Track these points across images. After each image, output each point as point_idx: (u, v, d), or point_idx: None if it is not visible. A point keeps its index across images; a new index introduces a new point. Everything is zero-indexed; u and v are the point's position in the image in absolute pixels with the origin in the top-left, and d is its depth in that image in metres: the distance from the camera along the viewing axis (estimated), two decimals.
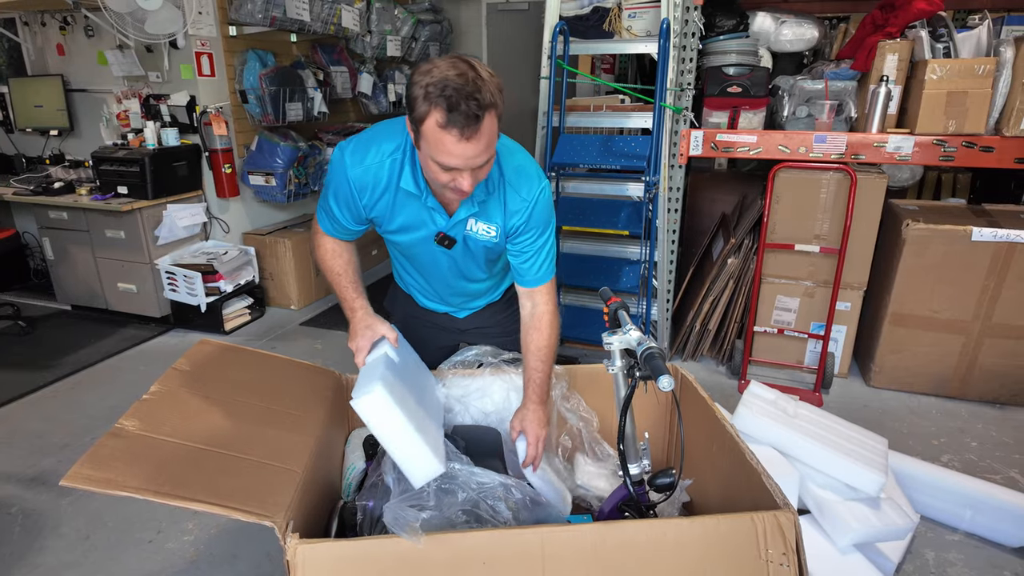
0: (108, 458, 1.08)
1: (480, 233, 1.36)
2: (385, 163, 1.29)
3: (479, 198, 1.31)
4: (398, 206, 1.34)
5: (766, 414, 1.91)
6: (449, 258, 1.44)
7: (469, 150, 1.10)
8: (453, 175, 1.15)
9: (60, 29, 3.57)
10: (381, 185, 1.31)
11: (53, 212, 3.47)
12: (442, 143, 1.09)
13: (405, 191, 1.30)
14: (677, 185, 2.84)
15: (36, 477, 2.23)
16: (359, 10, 3.96)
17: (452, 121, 1.06)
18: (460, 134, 1.07)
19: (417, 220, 1.35)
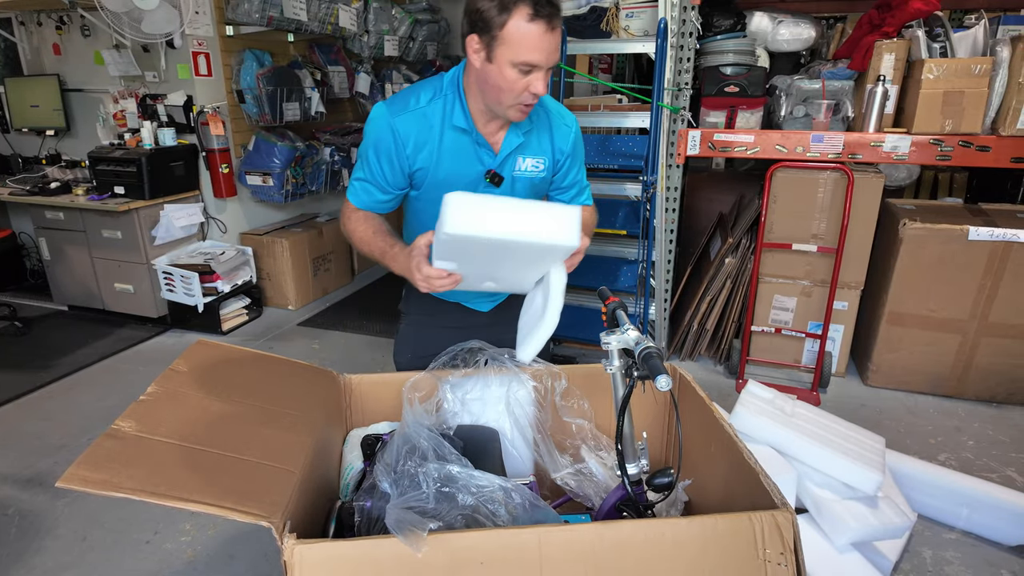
0: (105, 459, 1.08)
1: (528, 169, 1.40)
2: (434, 104, 1.31)
3: (524, 128, 1.35)
4: (444, 151, 1.34)
5: (764, 413, 1.91)
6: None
7: (552, 43, 1.16)
8: (528, 81, 1.19)
9: (56, 29, 3.56)
10: (428, 129, 1.31)
11: (50, 212, 3.47)
12: (528, 38, 1.14)
13: (456, 128, 1.31)
14: (675, 185, 2.84)
15: (33, 478, 2.23)
16: (356, 10, 3.96)
17: (539, 13, 1.12)
18: (547, 25, 1.14)
19: (464, 162, 1.35)
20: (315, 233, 3.93)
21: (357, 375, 1.61)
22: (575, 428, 1.61)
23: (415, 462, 1.27)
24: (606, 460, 1.61)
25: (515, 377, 1.58)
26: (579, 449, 1.62)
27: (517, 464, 1.56)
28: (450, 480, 1.23)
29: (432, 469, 1.24)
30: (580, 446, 1.62)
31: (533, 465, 1.56)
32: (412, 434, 1.32)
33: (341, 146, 4.12)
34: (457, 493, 1.21)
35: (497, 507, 1.24)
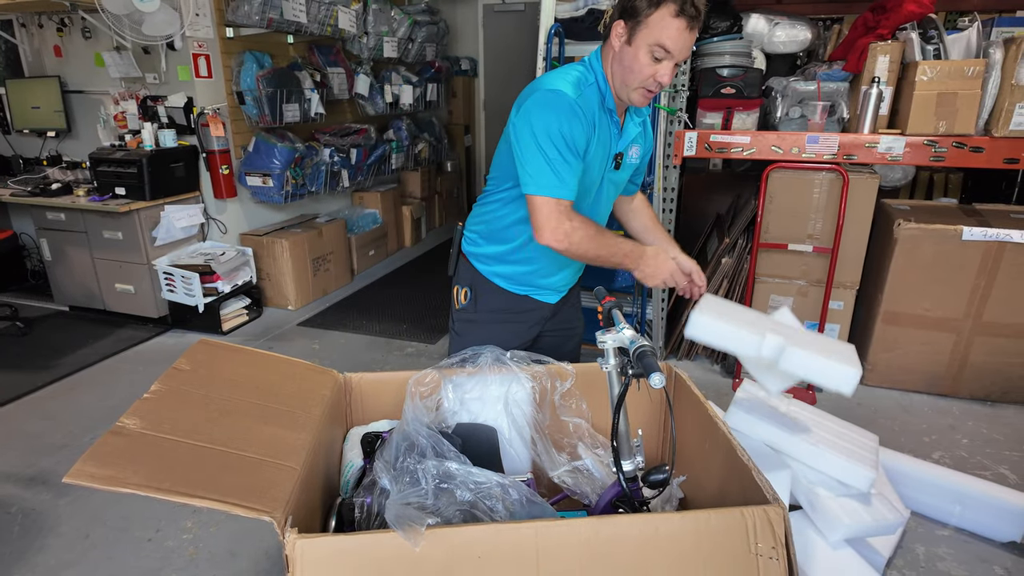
0: (110, 456, 1.10)
1: (633, 157, 1.55)
2: (591, 89, 1.39)
3: (641, 117, 1.52)
4: (599, 133, 1.41)
5: (758, 411, 1.93)
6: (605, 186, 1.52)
7: (688, 40, 1.30)
8: (659, 67, 1.31)
9: (57, 31, 3.58)
10: (591, 112, 1.38)
11: (51, 213, 3.48)
12: (669, 29, 1.27)
13: (607, 110, 1.42)
14: (672, 185, 2.87)
15: (35, 477, 2.25)
16: (356, 11, 3.98)
17: (684, 11, 1.26)
18: (688, 24, 1.27)
19: (604, 143, 1.43)
20: (315, 233, 3.95)
21: (357, 374, 1.63)
22: (572, 427, 1.63)
23: (414, 459, 1.29)
24: (603, 458, 1.63)
25: (514, 377, 1.61)
26: (576, 447, 1.65)
27: (515, 462, 1.58)
28: (448, 477, 1.26)
29: (431, 466, 1.26)
30: (577, 444, 1.65)
31: (531, 463, 1.58)
32: (411, 432, 1.35)
33: (340, 147, 4.15)
34: (455, 489, 1.24)
35: (495, 503, 1.26)
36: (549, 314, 1.70)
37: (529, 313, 1.67)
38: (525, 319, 1.67)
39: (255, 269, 3.73)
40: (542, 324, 1.70)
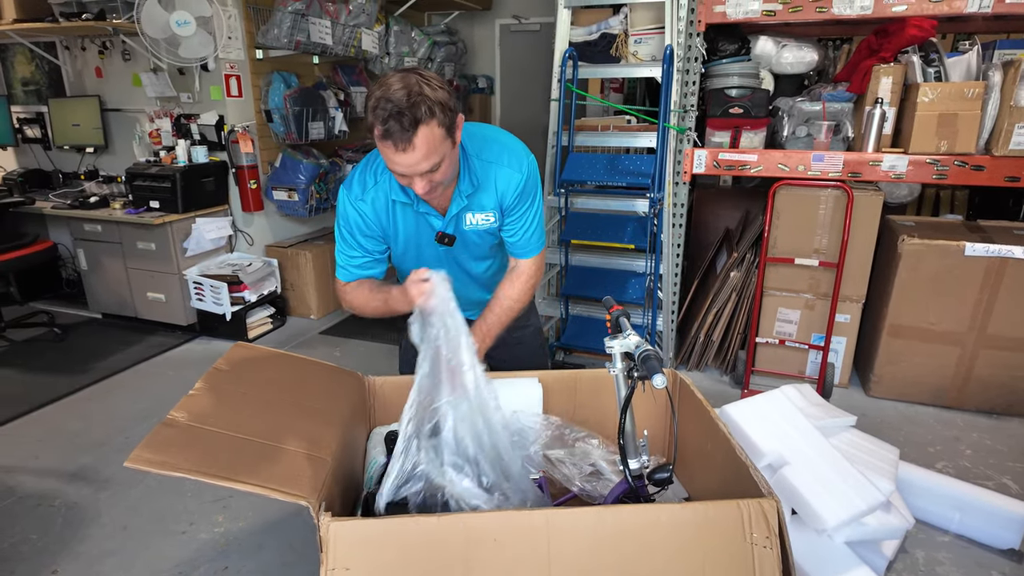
0: (163, 444, 1.22)
1: (479, 223, 1.51)
2: (381, 183, 1.45)
3: (466, 192, 1.44)
4: (398, 219, 1.49)
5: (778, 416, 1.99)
6: (453, 258, 1.57)
7: (407, 159, 1.23)
8: (408, 181, 1.30)
9: (99, 53, 3.79)
10: (382, 204, 1.47)
11: (88, 225, 3.67)
12: (384, 153, 1.25)
13: (399, 203, 1.46)
14: (681, 201, 2.97)
15: (76, 473, 2.38)
16: (378, 33, 4.16)
17: (387, 134, 1.19)
18: (395, 146, 1.21)
19: (415, 229, 1.51)
20: None
21: (380, 377, 1.75)
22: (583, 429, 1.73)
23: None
24: (612, 459, 1.72)
25: (526, 381, 1.71)
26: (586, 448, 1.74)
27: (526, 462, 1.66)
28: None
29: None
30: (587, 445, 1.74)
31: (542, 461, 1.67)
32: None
33: None
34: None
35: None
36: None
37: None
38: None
39: (280, 279, 3.88)
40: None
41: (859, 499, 1.75)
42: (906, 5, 2.50)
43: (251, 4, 3.56)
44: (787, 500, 1.83)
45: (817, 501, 1.75)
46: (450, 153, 1.31)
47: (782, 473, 1.86)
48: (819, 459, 1.87)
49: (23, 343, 3.61)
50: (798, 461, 1.87)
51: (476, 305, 1.71)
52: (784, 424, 1.97)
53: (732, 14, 2.70)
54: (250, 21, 3.58)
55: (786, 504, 1.84)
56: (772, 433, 1.95)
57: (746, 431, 1.97)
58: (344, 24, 3.85)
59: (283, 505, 2.16)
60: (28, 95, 4.20)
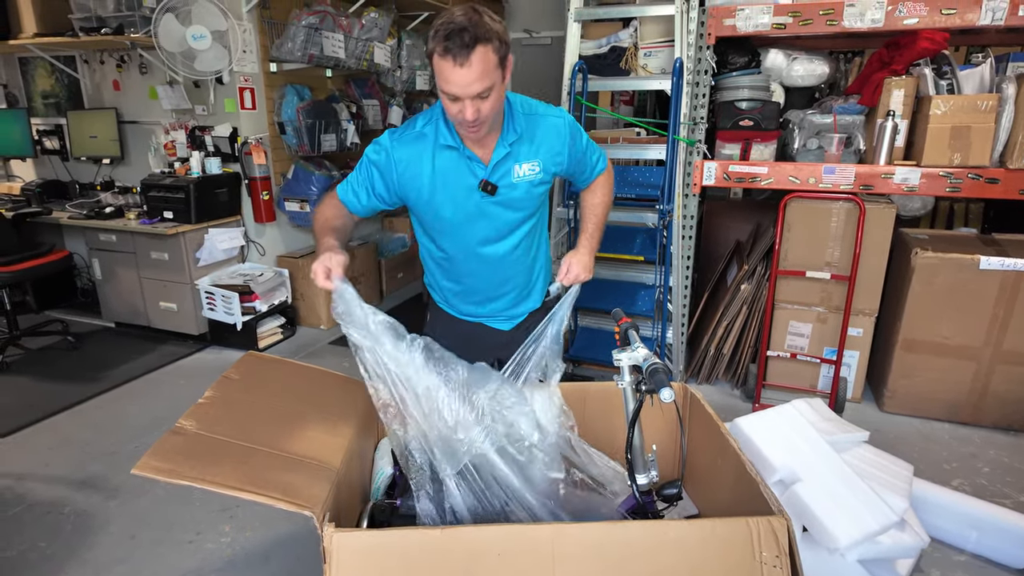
0: (171, 452, 1.23)
1: (527, 174, 1.52)
2: (427, 128, 1.49)
3: (510, 139, 1.48)
4: (438, 170, 1.49)
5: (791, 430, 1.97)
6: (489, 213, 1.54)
7: (463, 77, 1.27)
8: (459, 106, 1.33)
9: (117, 67, 3.86)
10: (421, 151, 1.48)
11: (103, 235, 3.72)
12: (442, 72, 1.29)
13: (445, 147, 1.47)
14: (691, 213, 2.96)
15: (86, 480, 2.40)
16: (390, 47, 4.20)
17: (447, 50, 1.25)
18: (455, 62, 1.26)
19: (457, 177, 1.50)
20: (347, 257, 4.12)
21: None
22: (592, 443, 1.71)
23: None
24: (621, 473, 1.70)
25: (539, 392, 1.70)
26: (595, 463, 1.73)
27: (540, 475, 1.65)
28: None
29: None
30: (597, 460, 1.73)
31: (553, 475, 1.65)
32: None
33: None
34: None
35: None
36: (507, 340, 1.70)
37: (480, 339, 1.73)
38: (477, 345, 1.70)
39: (291, 290, 3.90)
40: (498, 352, 1.71)
41: (871, 518, 1.72)
42: (917, 18, 2.49)
43: (266, 18, 3.61)
44: (799, 517, 1.80)
45: (829, 520, 1.72)
46: (499, 87, 1.35)
47: (794, 490, 1.83)
48: (831, 476, 1.84)
49: (38, 351, 3.65)
50: (810, 478, 1.84)
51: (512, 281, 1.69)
52: (797, 439, 1.95)
53: (742, 27, 2.70)
54: (265, 35, 3.63)
55: (797, 521, 1.81)
56: (784, 448, 1.92)
57: (758, 445, 1.94)
58: (357, 38, 3.90)
59: (290, 515, 2.16)
60: (48, 107, 4.28)
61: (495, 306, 1.72)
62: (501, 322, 1.75)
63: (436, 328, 1.78)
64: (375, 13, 3.98)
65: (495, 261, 1.63)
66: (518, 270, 1.69)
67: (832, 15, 2.59)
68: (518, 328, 1.75)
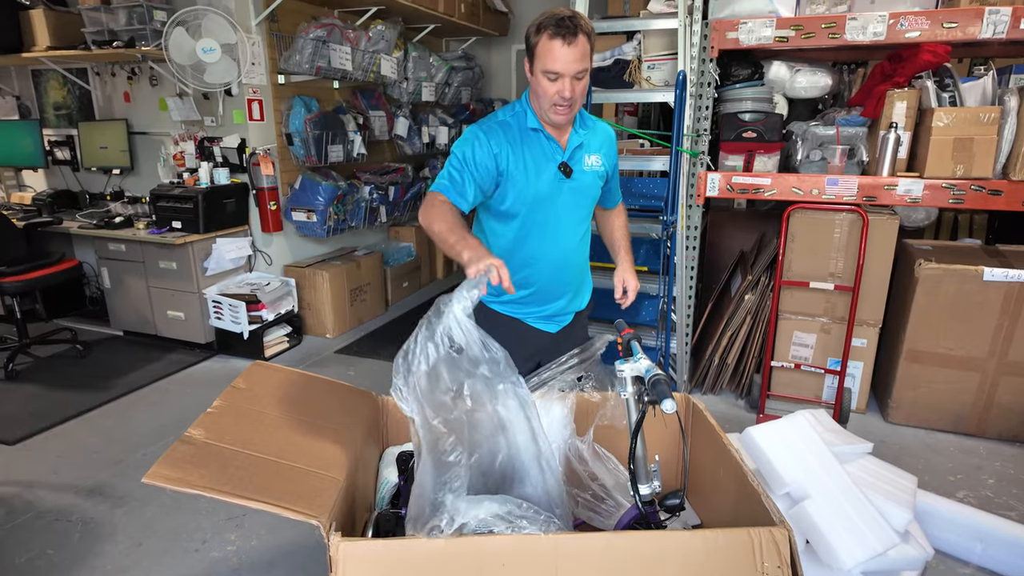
0: (180, 461, 1.24)
1: (594, 165, 1.72)
2: (507, 119, 1.66)
3: (580, 129, 1.68)
4: (526, 150, 1.64)
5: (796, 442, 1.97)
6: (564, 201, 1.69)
7: (569, 55, 1.48)
8: (558, 85, 1.51)
9: (128, 79, 3.92)
10: (509, 135, 1.63)
11: (112, 244, 3.76)
12: (550, 51, 1.49)
13: (530, 130, 1.64)
14: (695, 224, 2.97)
15: (94, 488, 2.42)
16: (397, 59, 4.25)
17: (557, 32, 1.47)
18: (563, 40, 1.47)
19: (541, 157, 1.65)
20: (353, 266, 4.16)
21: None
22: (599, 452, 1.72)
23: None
24: (624, 483, 1.71)
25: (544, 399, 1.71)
26: (598, 474, 1.74)
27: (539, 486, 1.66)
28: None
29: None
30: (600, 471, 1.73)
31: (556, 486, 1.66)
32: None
33: (380, 185, 4.38)
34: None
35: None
36: (549, 344, 1.81)
37: (523, 339, 1.79)
38: (519, 345, 1.69)
39: (297, 299, 3.93)
40: (541, 355, 1.78)
41: (876, 540, 1.72)
42: (919, 31, 2.51)
43: (274, 31, 3.67)
44: (806, 534, 1.80)
45: (836, 539, 1.73)
46: (588, 73, 1.56)
47: (803, 506, 1.83)
48: (839, 493, 1.84)
49: (47, 359, 3.69)
50: (819, 494, 1.84)
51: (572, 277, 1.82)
52: (806, 453, 1.94)
53: (745, 40, 2.73)
54: (273, 48, 3.69)
55: (802, 537, 1.81)
56: (794, 462, 1.92)
57: (769, 457, 1.94)
58: (364, 50, 3.95)
59: (295, 525, 2.17)
60: (59, 119, 4.34)
61: (552, 307, 1.80)
62: (548, 324, 1.83)
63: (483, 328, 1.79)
64: (382, 26, 4.04)
65: (562, 249, 1.75)
66: (577, 265, 1.83)
67: (834, 28, 2.62)
68: (562, 331, 1.85)
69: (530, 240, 1.71)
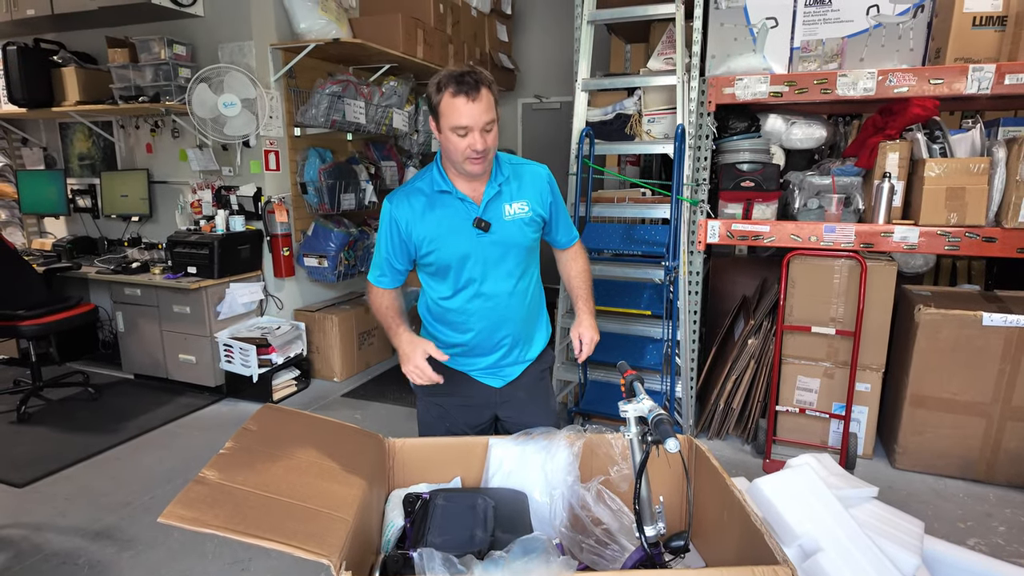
0: (195, 501, 1.28)
1: (516, 212, 1.67)
2: (421, 181, 1.67)
3: (498, 180, 1.65)
4: (436, 215, 1.64)
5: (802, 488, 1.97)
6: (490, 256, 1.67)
7: (474, 109, 1.48)
8: (468, 139, 1.51)
9: (151, 131, 4.10)
10: (419, 202, 1.65)
11: (128, 289, 3.86)
12: (454, 108, 1.48)
13: (441, 192, 1.64)
14: (697, 269, 3.04)
15: (101, 532, 2.43)
16: (408, 113, 4.44)
17: (459, 90, 1.47)
18: (467, 97, 1.47)
19: (455, 218, 1.64)
20: (362, 310, 4.23)
21: (400, 439, 1.80)
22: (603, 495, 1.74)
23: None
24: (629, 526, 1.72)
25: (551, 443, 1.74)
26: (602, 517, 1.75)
27: (546, 528, 1.68)
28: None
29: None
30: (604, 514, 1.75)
31: (561, 528, 1.68)
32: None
33: None
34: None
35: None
36: (498, 400, 1.81)
37: (471, 391, 1.81)
38: (467, 396, 1.82)
39: (306, 342, 3.99)
40: (492, 408, 1.83)
41: None
42: (907, 87, 2.63)
43: (292, 87, 3.85)
44: None
45: None
46: (496, 123, 1.56)
47: (816, 559, 1.82)
48: (850, 543, 1.83)
49: (58, 402, 3.73)
50: (830, 546, 1.83)
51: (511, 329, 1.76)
52: (815, 503, 1.94)
53: (741, 95, 2.86)
54: (290, 102, 3.86)
55: None
56: (804, 513, 1.92)
57: (779, 509, 1.93)
58: (377, 105, 4.13)
59: (301, 571, 2.17)
60: (83, 168, 4.52)
61: (490, 359, 1.78)
62: (491, 378, 1.81)
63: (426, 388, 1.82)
64: (394, 82, 4.23)
65: (493, 302, 1.71)
66: (517, 317, 1.76)
67: (826, 84, 2.74)
68: (511, 384, 1.82)
69: (461, 295, 1.72)
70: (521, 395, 1.83)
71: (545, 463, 1.72)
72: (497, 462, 1.73)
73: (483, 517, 1.54)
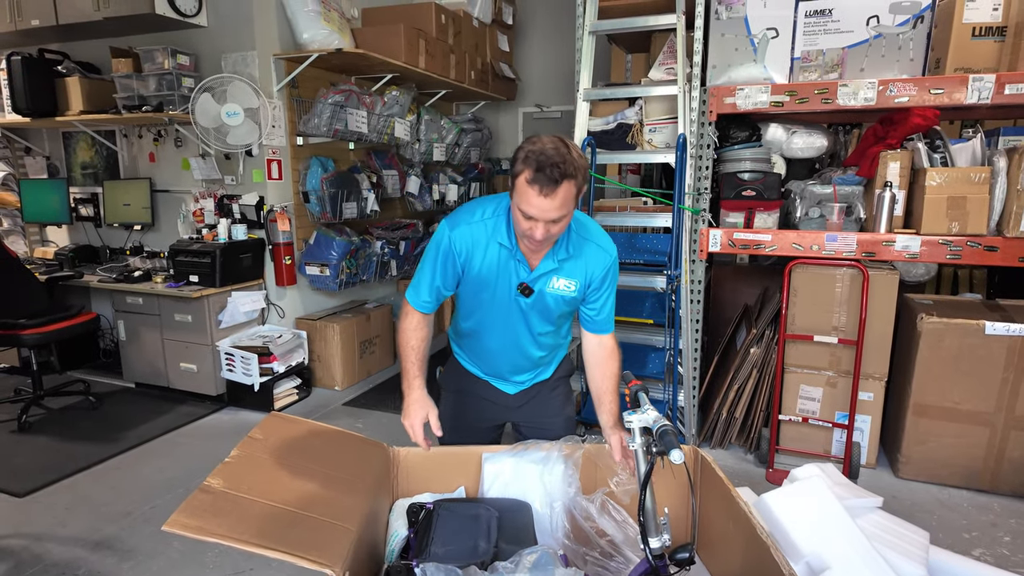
0: (199, 510, 1.28)
1: (560, 288, 1.62)
2: (488, 221, 1.59)
3: (560, 256, 1.58)
4: (489, 257, 1.60)
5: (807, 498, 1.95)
6: (522, 311, 1.66)
7: (545, 204, 1.39)
8: (531, 224, 1.43)
9: (154, 140, 4.12)
10: (479, 238, 1.59)
11: (130, 297, 3.85)
12: (526, 195, 1.39)
13: (498, 244, 1.58)
14: (699, 278, 3.04)
15: (101, 542, 2.41)
16: (410, 122, 4.45)
17: (536, 180, 1.36)
18: (540, 190, 1.37)
19: (503, 271, 1.61)
20: (364, 318, 4.23)
21: (404, 448, 1.80)
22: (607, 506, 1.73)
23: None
24: (634, 537, 1.71)
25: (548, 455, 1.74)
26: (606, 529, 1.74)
27: (548, 539, 1.67)
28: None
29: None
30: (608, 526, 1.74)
31: (564, 539, 1.67)
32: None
33: (391, 240, 4.51)
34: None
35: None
36: (513, 404, 1.84)
37: (484, 398, 1.85)
38: (481, 402, 1.86)
39: (308, 351, 3.98)
40: (506, 414, 1.86)
41: None
42: (908, 97, 2.64)
43: (295, 96, 3.87)
44: None
45: None
46: (569, 214, 1.47)
47: None
48: (858, 559, 1.81)
49: (59, 411, 3.72)
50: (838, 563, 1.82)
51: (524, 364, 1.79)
52: (823, 518, 1.93)
53: (742, 105, 2.87)
54: (293, 111, 3.88)
55: None
56: (811, 529, 1.90)
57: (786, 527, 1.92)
58: (379, 114, 4.15)
59: None
60: (86, 177, 4.53)
61: (511, 368, 1.82)
62: (507, 385, 1.85)
63: (449, 376, 1.92)
64: (396, 91, 4.25)
65: (517, 347, 1.74)
66: (536, 357, 1.79)
67: (827, 94, 2.76)
68: (524, 392, 1.85)
69: (482, 335, 1.74)
70: (534, 402, 1.85)
71: (543, 474, 1.72)
72: (492, 476, 1.72)
73: (486, 528, 1.53)
